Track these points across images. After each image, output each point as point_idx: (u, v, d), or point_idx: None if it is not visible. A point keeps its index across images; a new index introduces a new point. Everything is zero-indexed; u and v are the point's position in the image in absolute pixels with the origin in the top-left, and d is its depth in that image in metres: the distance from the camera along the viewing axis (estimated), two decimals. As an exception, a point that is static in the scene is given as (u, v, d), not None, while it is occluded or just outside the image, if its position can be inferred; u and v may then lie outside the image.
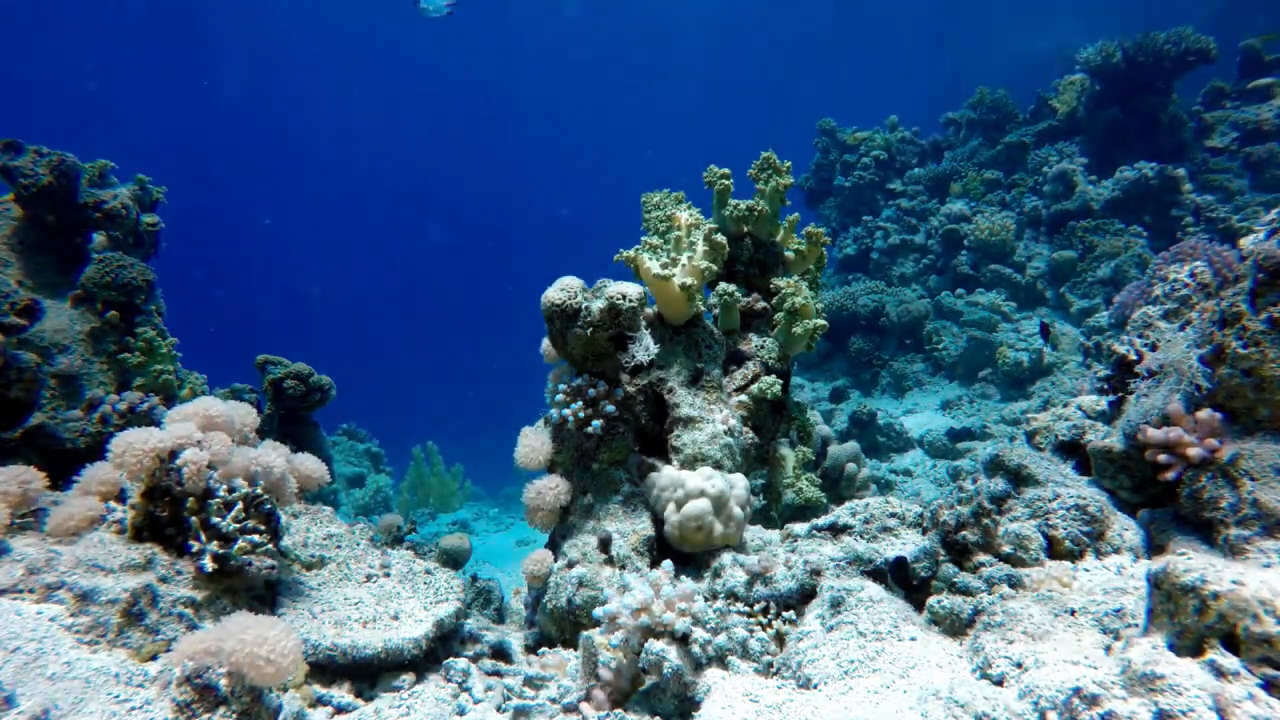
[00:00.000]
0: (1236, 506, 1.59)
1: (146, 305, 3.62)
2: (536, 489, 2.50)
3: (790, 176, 2.99)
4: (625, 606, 1.66)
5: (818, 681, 1.50)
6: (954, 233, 8.96)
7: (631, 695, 1.69)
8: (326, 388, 4.76)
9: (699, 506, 2.24)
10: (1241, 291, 1.72)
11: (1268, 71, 9.23)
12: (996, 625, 1.52)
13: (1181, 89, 9.23)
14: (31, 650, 1.37)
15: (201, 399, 2.08)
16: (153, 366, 3.38)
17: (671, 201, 2.75)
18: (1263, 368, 1.62)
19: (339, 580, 2.14)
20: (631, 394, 2.54)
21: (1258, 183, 8.38)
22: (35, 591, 1.54)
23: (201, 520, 1.80)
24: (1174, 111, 9.02)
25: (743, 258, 2.99)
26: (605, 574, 2.28)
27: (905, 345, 8.20)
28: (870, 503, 2.25)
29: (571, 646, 2.25)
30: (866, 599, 1.72)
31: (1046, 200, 8.92)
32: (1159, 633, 1.23)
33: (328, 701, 1.73)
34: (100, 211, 3.76)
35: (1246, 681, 1.05)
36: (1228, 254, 2.81)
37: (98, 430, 2.88)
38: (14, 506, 1.82)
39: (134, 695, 1.37)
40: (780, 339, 2.82)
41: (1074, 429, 2.34)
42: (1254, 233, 1.82)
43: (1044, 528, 1.84)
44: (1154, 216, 8.22)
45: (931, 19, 30.79)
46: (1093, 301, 7.63)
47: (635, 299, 2.44)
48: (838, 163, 11.24)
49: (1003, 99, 10.52)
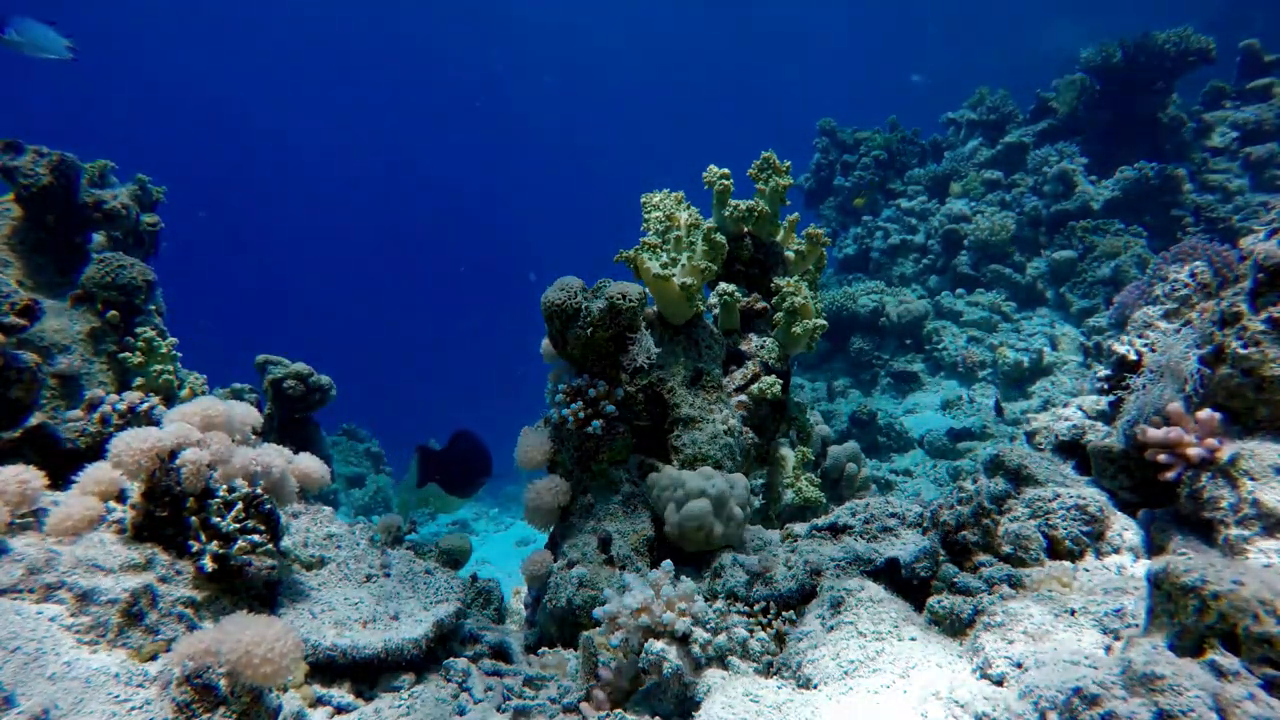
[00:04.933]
0: (1236, 506, 1.59)
1: (146, 305, 3.61)
2: (536, 489, 2.50)
3: (790, 177, 2.99)
4: (625, 606, 1.66)
5: (818, 681, 1.50)
6: (954, 233, 8.96)
7: (631, 695, 1.69)
8: (326, 388, 4.76)
9: (699, 506, 2.24)
10: (1241, 291, 1.72)
11: (1268, 71, 9.24)
12: (996, 625, 1.52)
13: (1181, 89, 9.23)
14: (31, 650, 1.37)
15: (201, 399, 2.07)
16: (153, 366, 3.38)
17: (671, 201, 2.75)
18: (1263, 368, 1.62)
19: (339, 580, 2.14)
20: (631, 394, 2.54)
21: (1258, 183, 8.38)
22: (35, 591, 1.54)
23: (201, 520, 1.80)
24: (1174, 111, 9.02)
25: (743, 258, 2.99)
26: (605, 574, 2.28)
27: (905, 345, 8.20)
28: (870, 503, 2.25)
29: (571, 646, 2.25)
30: (866, 599, 1.72)
31: (1046, 200, 8.92)
32: (1159, 633, 1.23)
33: (328, 701, 1.73)
34: (100, 211, 3.76)
35: (1247, 681, 1.05)
36: (1228, 254, 2.81)
37: (98, 430, 2.88)
38: (14, 506, 1.82)
39: (134, 695, 1.37)
40: (780, 339, 2.82)
41: (1074, 429, 2.34)
42: (1254, 233, 1.82)
43: (1044, 528, 1.84)
44: (1154, 216, 8.22)
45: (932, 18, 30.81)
46: (1093, 301, 7.63)
47: (635, 299, 2.44)
48: (838, 163, 11.24)
49: (1003, 99, 10.52)
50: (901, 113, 11.58)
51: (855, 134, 11.24)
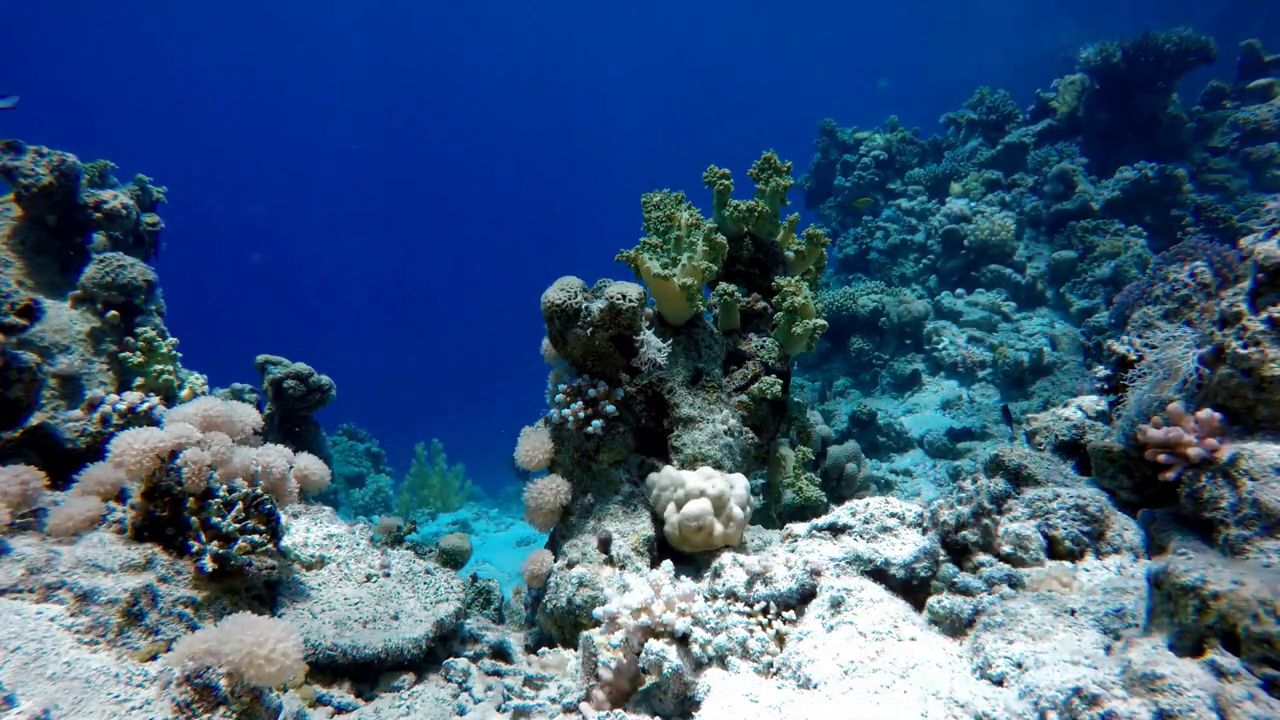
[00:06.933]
0: (1236, 506, 1.59)
1: (146, 305, 3.61)
2: (537, 489, 2.50)
3: (790, 177, 2.99)
4: (625, 606, 1.66)
5: (818, 681, 1.50)
6: (954, 233, 8.96)
7: (631, 695, 1.69)
8: (326, 388, 4.76)
9: (699, 506, 2.24)
10: (1241, 291, 1.72)
11: (1268, 71, 9.24)
12: (996, 625, 1.52)
13: (1181, 89, 9.23)
14: (31, 650, 1.37)
15: (202, 399, 2.08)
16: (153, 366, 3.38)
17: (672, 201, 2.75)
18: (1263, 368, 1.62)
19: (339, 580, 2.14)
20: (632, 394, 2.54)
21: (1258, 183, 8.38)
22: (35, 591, 1.54)
23: (201, 520, 1.80)
24: (1174, 111, 9.02)
25: (743, 258, 2.99)
26: (605, 574, 2.28)
27: (905, 345, 8.19)
28: (870, 503, 2.25)
29: (571, 646, 2.25)
30: (867, 599, 1.72)
31: (1046, 200, 8.92)
32: (1159, 633, 1.23)
33: (328, 701, 1.73)
34: (100, 211, 3.76)
35: (1247, 681, 1.05)
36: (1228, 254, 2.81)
37: (98, 430, 2.88)
38: (14, 506, 1.82)
39: (134, 695, 1.37)
40: (780, 339, 2.82)
41: (1074, 429, 2.34)
42: (1254, 233, 1.82)
43: (1044, 528, 1.84)
44: (1154, 216, 8.22)
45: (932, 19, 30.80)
46: (1093, 301, 7.63)
47: (635, 299, 2.44)
48: (838, 163, 11.24)
49: (1003, 99, 10.52)
50: (903, 113, 11.60)
51: (855, 134, 11.25)
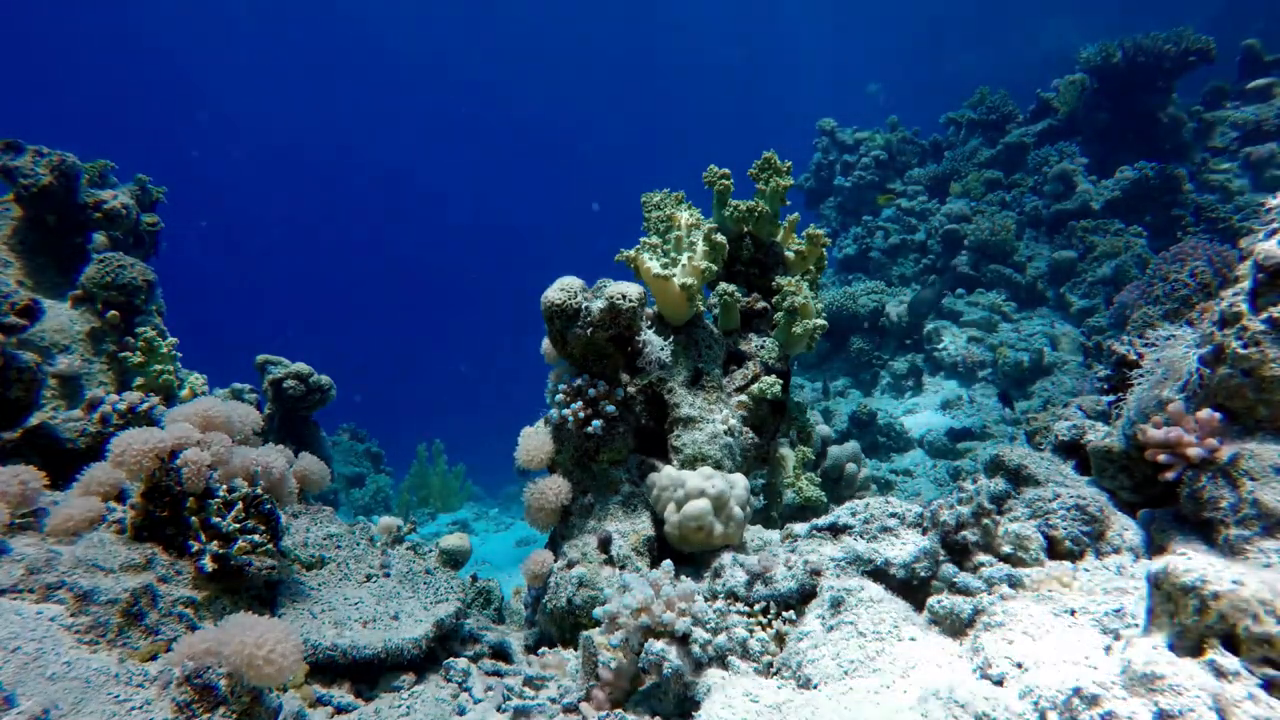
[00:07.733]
0: (1236, 506, 1.59)
1: (146, 305, 3.61)
2: (537, 489, 2.50)
3: (790, 177, 2.98)
4: (625, 606, 1.66)
5: (818, 681, 1.50)
6: (954, 233, 8.96)
7: (631, 695, 1.69)
8: (326, 388, 4.76)
9: (699, 506, 2.24)
10: (1241, 291, 1.72)
11: (1268, 71, 9.24)
12: (996, 625, 1.52)
13: (1181, 89, 9.23)
14: (31, 650, 1.37)
15: (202, 399, 2.08)
16: (153, 366, 3.38)
17: (672, 201, 2.75)
18: (1263, 368, 1.62)
19: (339, 580, 2.14)
20: (632, 394, 2.54)
21: (1258, 183, 8.37)
22: (35, 591, 1.54)
23: (201, 520, 1.80)
24: (1174, 111, 9.02)
25: (743, 258, 2.99)
26: (605, 574, 2.28)
27: (905, 345, 8.19)
28: (870, 503, 2.25)
29: (571, 646, 2.25)
30: (867, 599, 1.72)
31: (1046, 200, 8.92)
32: (1159, 633, 1.23)
33: (328, 701, 1.73)
34: (100, 211, 3.76)
35: (1247, 681, 1.05)
36: (1228, 254, 2.81)
37: (98, 430, 2.88)
38: (14, 506, 1.82)
39: (134, 695, 1.37)
40: (780, 339, 2.82)
41: (1074, 429, 2.34)
42: (1254, 233, 1.82)
43: (1044, 528, 1.84)
44: (1154, 216, 8.22)
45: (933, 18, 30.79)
46: (1093, 301, 7.63)
47: (635, 299, 2.44)
48: (838, 163, 11.24)
49: (1003, 99, 10.52)
50: (901, 113, 11.60)
51: (855, 134, 11.25)
